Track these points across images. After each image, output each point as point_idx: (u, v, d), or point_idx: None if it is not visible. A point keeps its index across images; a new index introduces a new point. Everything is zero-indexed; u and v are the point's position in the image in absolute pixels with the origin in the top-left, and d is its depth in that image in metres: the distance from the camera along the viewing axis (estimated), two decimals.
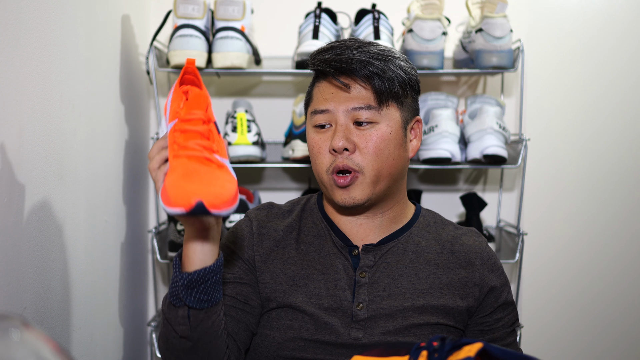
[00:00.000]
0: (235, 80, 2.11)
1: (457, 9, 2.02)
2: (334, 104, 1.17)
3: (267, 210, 1.29)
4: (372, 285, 1.19)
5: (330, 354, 1.16)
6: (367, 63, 1.15)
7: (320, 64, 1.17)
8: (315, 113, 1.19)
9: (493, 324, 1.23)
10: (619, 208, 2.17)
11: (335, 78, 1.16)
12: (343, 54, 1.16)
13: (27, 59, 1.18)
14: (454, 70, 1.96)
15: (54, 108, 1.30)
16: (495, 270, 1.24)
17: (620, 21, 2.13)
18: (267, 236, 1.24)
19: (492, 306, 1.23)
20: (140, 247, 2.00)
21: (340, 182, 1.16)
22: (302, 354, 1.17)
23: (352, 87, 1.17)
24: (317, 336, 1.17)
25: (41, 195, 1.24)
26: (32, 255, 1.20)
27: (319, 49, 1.22)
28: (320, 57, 1.18)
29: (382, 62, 1.17)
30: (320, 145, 1.18)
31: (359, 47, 1.18)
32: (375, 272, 1.20)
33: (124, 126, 1.82)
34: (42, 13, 1.24)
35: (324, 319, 1.17)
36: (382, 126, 1.17)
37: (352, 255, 1.21)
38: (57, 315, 1.31)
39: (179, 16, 1.75)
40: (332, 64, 1.16)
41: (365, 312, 1.17)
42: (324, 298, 1.18)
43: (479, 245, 1.25)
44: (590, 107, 2.16)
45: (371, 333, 1.17)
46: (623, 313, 2.18)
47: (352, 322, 1.17)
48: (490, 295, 1.22)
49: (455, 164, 1.83)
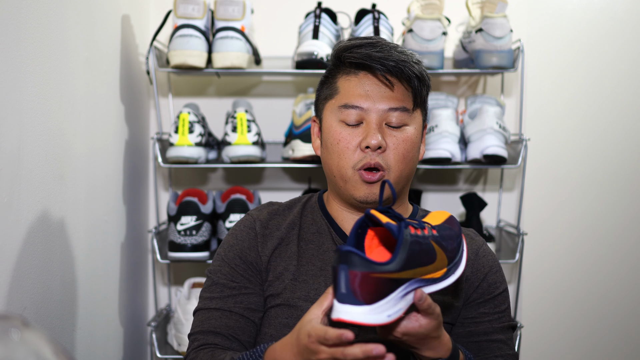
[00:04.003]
0: (235, 80, 2.11)
1: (457, 9, 2.02)
2: (372, 101, 1.15)
3: (268, 208, 1.28)
4: None
5: None
6: (410, 65, 1.15)
7: (363, 58, 1.14)
8: (347, 107, 1.16)
9: (478, 318, 1.20)
10: (619, 207, 2.17)
11: (383, 74, 1.15)
12: (387, 52, 1.15)
13: (27, 59, 1.18)
14: (454, 70, 1.96)
15: (53, 108, 1.30)
16: (491, 266, 1.23)
17: (620, 21, 2.13)
18: (270, 236, 1.23)
19: (482, 297, 1.21)
20: (140, 247, 2.00)
21: (369, 178, 1.15)
22: None
23: (395, 86, 1.16)
24: None
25: (41, 195, 1.24)
26: (32, 255, 1.20)
27: (349, 42, 1.19)
28: (360, 51, 1.15)
29: (418, 65, 1.18)
30: (349, 141, 1.16)
31: (396, 47, 1.17)
32: None
33: (124, 126, 1.82)
34: (42, 13, 1.24)
35: None
36: (411, 129, 1.17)
37: None
38: (57, 315, 1.31)
39: (179, 16, 1.75)
40: (378, 60, 1.14)
41: None
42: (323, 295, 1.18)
43: (476, 243, 1.25)
44: (590, 107, 2.16)
45: (367, 330, 1.17)
46: (623, 313, 2.18)
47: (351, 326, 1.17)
48: (483, 284, 1.21)
49: (455, 164, 1.83)
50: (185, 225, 1.78)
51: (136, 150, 1.93)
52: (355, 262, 0.90)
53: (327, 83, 1.22)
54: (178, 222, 1.78)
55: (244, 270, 1.20)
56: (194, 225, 1.78)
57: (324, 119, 1.21)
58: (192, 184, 2.10)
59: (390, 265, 0.92)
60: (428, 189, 2.13)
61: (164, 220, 1.96)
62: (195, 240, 1.78)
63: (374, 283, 0.89)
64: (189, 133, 1.78)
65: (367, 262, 0.90)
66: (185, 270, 2.08)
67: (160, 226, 1.93)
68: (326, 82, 1.22)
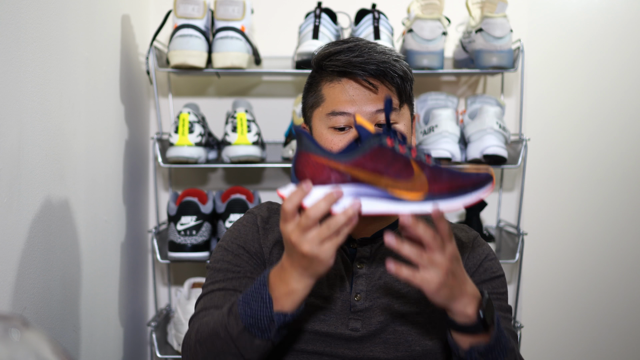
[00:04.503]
0: (235, 80, 2.11)
1: (457, 8, 2.02)
2: (357, 106, 1.16)
3: (268, 207, 1.29)
4: (370, 276, 1.20)
5: (329, 345, 1.17)
6: (390, 64, 1.16)
7: (344, 65, 1.15)
8: (335, 114, 1.17)
9: None
10: (619, 207, 2.17)
11: (365, 79, 1.15)
12: (367, 55, 1.15)
13: (27, 59, 1.18)
14: (454, 70, 1.96)
15: (53, 108, 1.30)
16: (487, 254, 1.22)
17: (621, 20, 2.13)
18: (270, 230, 1.24)
19: (479, 279, 1.20)
20: (140, 247, 2.00)
21: None
22: (300, 345, 1.17)
23: (379, 87, 1.16)
24: (315, 327, 1.17)
25: (41, 195, 1.24)
26: (32, 255, 1.20)
27: (328, 49, 1.20)
28: (340, 58, 1.16)
29: (398, 62, 1.18)
30: (341, 147, 1.16)
31: (375, 47, 1.18)
32: (372, 263, 1.20)
33: (124, 126, 1.82)
34: (41, 13, 1.24)
35: (321, 310, 1.17)
36: (400, 126, 1.18)
37: (350, 248, 1.22)
38: (57, 315, 1.31)
39: (179, 16, 1.75)
40: (359, 65, 1.14)
41: (363, 302, 1.18)
42: (322, 289, 1.19)
43: (469, 234, 1.26)
44: (590, 107, 2.16)
45: (369, 323, 1.17)
46: (624, 313, 2.18)
47: (350, 312, 1.18)
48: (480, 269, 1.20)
49: (456, 164, 1.83)
50: (185, 225, 1.78)
51: (136, 150, 1.93)
52: (302, 142, 0.94)
53: (312, 91, 1.23)
54: (178, 222, 1.78)
55: (248, 258, 1.20)
56: (194, 225, 1.78)
57: (313, 127, 1.22)
58: (192, 184, 2.10)
59: (336, 155, 0.93)
60: None
61: (164, 220, 1.96)
62: (195, 240, 1.78)
63: (314, 166, 0.92)
64: (189, 133, 1.78)
65: (311, 144, 0.93)
66: (185, 271, 2.08)
67: (160, 226, 1.93)
68: (310, 89, 1.23)
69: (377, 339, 1.17)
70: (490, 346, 0.99)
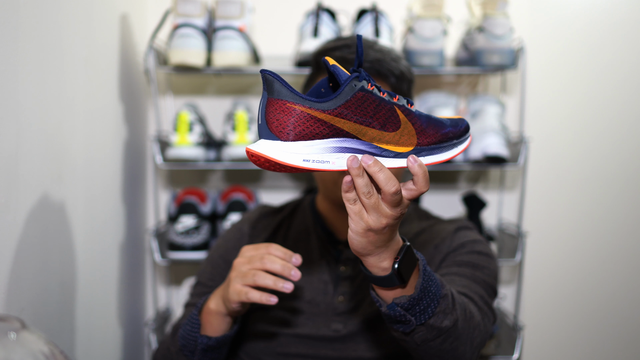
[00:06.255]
0: (235, 79, 2.10)
1: (458, 7, 2.01)
2: None
3: (260, 210, 1.35)
4: (354, 278, 1.20)
5: (312, 347, 1.17)
6: (386, 62, 1.17)
7: (339, 62, 1.15)
8: None
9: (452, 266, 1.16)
10: (621, 207, 2.17)
11: None
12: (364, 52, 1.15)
13: (25, 58, 1.17)
14: (454, 69, 1.95)
15: (52, 107, 1.29)
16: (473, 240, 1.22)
17: (622, 19, 2.13)
18: (256, 236, 1.30)
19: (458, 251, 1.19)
20: (138, 247, 1.99)
21: None
22: (283, 349, 1.18)
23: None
24: (297, 331, 1.18)
25: (39, 195, 1.23)
26: (29, 255, 1.19)
27: (326, 46, 1.19)
28: (336, 54, 1.16)
29: (396, 62, 1.19)
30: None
31: (374, 45, 1.18)
32: (356, 265, 1.21)
33: (123, 126, 1.81)
34: (40, 12, 1.23)
35: (304, 314, 1.18)
36: None
37: (337, 250, 1.22)
38: (55, 316, 1.30)
39: (178, 15, 1.74)
40: (353, 62, 1.14)
41: (346, 304, 1.18)
42: (306, 291, 1.20)
43: (453, 223, 1.26)
44: (593, 106, 2.15)
45: (352, 324, 1.17)
46: (626, 314, 2.17)
47: (333, 314, 1.18)
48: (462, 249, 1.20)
49: (456, 164, 1.82)
50: (184, 225, 1.78)
51: (135, 150, 1.93)
52: (274, 88, 0.77)
53: (309, 87, 1.23)
54: (177, 222, 1.78)
55: (224, 270, 1.24)
56: (193, 225, 1.78)
57: None
58: (191, 184, 2.10)
59: (321, 103, 0.78)
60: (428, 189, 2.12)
61: (163, 220, 1.96)
62: (194, 240, 1.77)
63: (293, 116, 0.77)
64: (189, 133, 1.78)
65: (286, 89, 0.77)
66: (185, 271, 2.08)
67: (159, 226, 1.92)
68: (308, 86, 1.23)
69: (360, 338, 1.17)
70: (414, 298, 0.90)
